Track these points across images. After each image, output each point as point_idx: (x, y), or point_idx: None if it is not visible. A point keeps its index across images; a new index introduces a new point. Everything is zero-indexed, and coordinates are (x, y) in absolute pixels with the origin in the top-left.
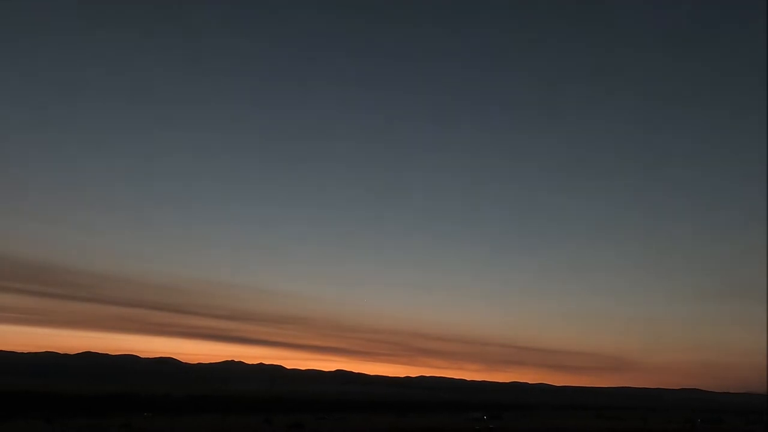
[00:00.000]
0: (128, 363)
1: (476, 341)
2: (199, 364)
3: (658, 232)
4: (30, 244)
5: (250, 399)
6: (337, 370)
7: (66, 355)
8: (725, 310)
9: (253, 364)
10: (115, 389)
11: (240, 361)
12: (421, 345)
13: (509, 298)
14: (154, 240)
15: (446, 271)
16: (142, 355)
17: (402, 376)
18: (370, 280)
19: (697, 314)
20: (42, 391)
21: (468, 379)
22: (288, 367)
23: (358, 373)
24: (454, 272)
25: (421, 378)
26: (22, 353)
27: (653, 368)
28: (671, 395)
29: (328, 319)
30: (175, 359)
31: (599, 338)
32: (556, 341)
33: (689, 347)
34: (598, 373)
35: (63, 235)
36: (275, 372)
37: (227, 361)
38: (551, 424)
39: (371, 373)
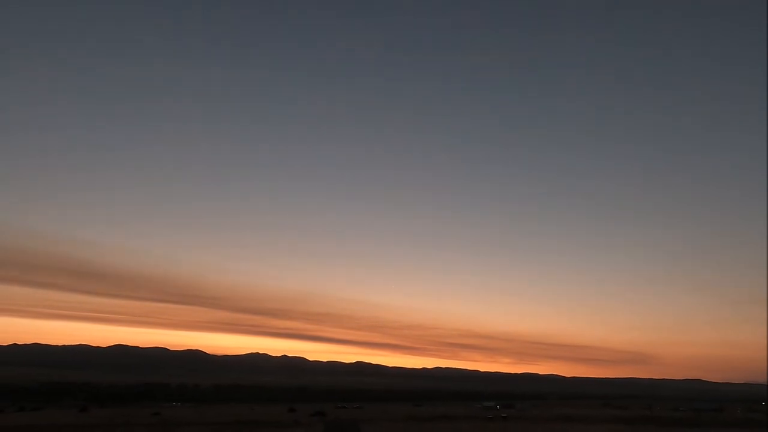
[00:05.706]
0: (158, 355)
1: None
2: (226, 356)
3: (663, 238)
4: (67, 246)
5: (275, 389)
6: (357, 362)
7: (99, 348)
8: (727, 307)
9: (277, 357)
10: (145, 380)
11: (265, 354)
12: (442, 339)
13: (530, 298)
14: (180, 240)
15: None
16: (171, 348)
17: (419, 367)
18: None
19: (699, 312)
20: (76, 382)
21: (482, 370)
22: (310, 360)
23: (377, 365)
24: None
25: (437, 369)
26: (58, 346)
27: (658, 361)
28: (675, 385)
29: (349, 314)
30: (203, 351)
31: (607, 334)
32: (568, 338)
33: (692, 341)
34: (607, 365)
35: (96, 235)
36: (298, 364)
37: (252, 353)
38: (560, 413)
39: (389, 365)
